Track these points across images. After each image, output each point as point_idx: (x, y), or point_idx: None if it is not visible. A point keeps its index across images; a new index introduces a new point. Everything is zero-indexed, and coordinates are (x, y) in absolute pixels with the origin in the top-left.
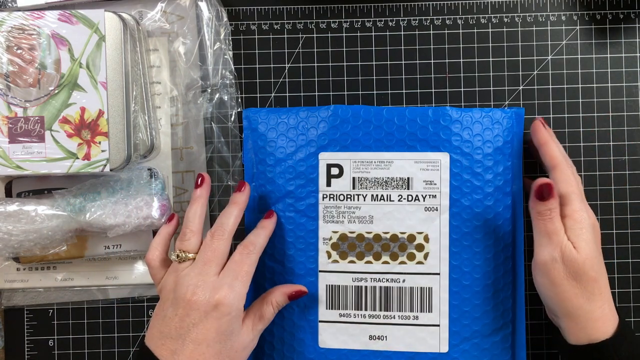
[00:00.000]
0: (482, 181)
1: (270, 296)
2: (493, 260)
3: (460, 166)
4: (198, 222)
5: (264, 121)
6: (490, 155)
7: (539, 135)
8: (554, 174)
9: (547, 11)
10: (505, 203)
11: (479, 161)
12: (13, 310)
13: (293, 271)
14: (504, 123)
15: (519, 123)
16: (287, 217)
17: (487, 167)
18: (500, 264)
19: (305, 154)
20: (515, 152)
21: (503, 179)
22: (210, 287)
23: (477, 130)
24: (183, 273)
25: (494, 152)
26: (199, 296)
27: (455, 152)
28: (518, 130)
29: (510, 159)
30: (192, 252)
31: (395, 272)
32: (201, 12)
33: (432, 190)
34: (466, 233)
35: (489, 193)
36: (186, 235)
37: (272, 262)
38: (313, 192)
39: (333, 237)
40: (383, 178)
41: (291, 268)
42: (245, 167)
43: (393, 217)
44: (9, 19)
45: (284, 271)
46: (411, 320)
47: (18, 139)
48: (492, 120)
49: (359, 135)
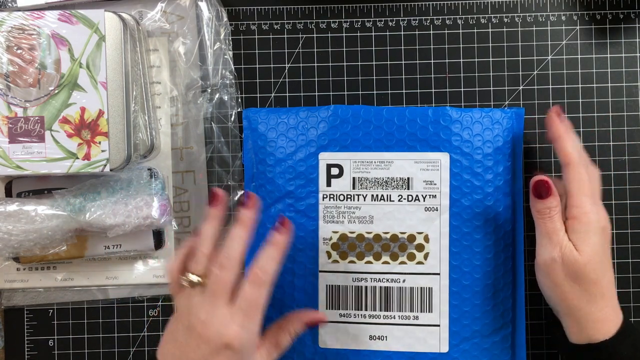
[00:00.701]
0: (482, 181)
1: (288, 324)
2: (493, 261)
3: (460, 166)
4: (210, 244)
5: (264, 121)
6: (490, 155)
7: (553, 129)
8: (565, 172)
9: (547, 11)
10: (505, 203)
11: (479, 161)
12: (13, 310)
13: (293, 271)
14: (504, 123)
15: (519, 123)
16: (287, 217)
17: (487, 167)
18: (500, 264)
19: (305, 154)
20: (516, 152)
21: (503, 179)
22: (220, 323)
23: (477, 130)
24: (195, 300)
25: (494, 152)
26: (210, 332)
27: (455, 152)
28: (518, 130)
29: (510, 159)
30: (203, 276)
31: (396, 272)
32: (201, 12)
33: (432, 190)
34: (466, 233)
35: (489, 193)
36: (198, 259)
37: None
38: (313, 192)
39: (333, 237)
40: (383, 178)
41: (291, 268)
42: (245, 167)
43: (393, 217)
44: (9, 19)
45: (284, 271)
46: (411, 320)
47: (18, 139)
48: (492, 120)
49: (359, 135)
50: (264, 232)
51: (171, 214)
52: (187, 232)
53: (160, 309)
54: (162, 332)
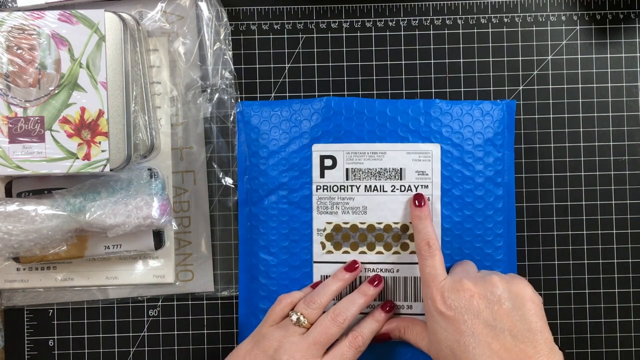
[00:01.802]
0: (473, 172)
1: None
2: (483, 250)
3: (451, 157)
4: (329, 299)
5: (256, 114)
6: (480, 146)
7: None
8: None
9: (547, 11)
10: (496, 193)
11: (469, 152)
12: (13, 310)
13: (288, 263)
14: (495, 115)
15: (511, 115)
16: (280, 209)
17: (478, 158)
18: (490, 253)
19: (299, 146)
20: (507, 143)
21: (494, 169)
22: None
23: (467, 121)
24: (292, 339)
25: (484, 143)
26: None
27: (446, 143)
28: (509, 122)
29: (501, 150)
30: (310, 321)
31: (389, 262)
32: (201, 12)
33: (424, 180)
34: (457, 222)
35: (479, 183)
36: (314, 304)
37: (266, 255)
38: (307, 184)
39: (327, 228)
40: (376, 169)
41: (286, 260)
42: (239, 160)
43: (386, 207)
44: (9, 19)
45: (278, 263)
46: (405, 309)
47: (18, 139)
48: (482, 112)
49: (351, 126)
50: (256, 224)
51: (171, 214)
52: (187, 232)
53: (160, 309)
54: (162, 332)
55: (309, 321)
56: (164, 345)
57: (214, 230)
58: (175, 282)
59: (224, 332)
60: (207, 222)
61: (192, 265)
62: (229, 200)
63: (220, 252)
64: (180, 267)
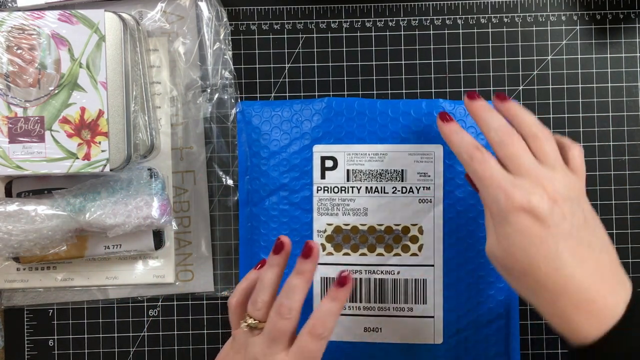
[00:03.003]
0: None
1: None
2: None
3: (454, 158)
4: (271, 293)
5: (257, 114)
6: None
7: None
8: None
9: (547, 11)
10: None
11: None
12: (13, 310)
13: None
14: None
15: None
16: (281, 210)
17: None
18: None
19: (300, 147)
20: None
21: None
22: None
23: (470, 122)
24: (254, 340)
25: (487, 144)
26: None
27: None
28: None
29: None
30: (262, 320)
31: (390, 264)
32: (201, 12)
33: (426, 182)
34: (460, 225)
35: None
36: (257, 304)
37: (266, 255)
38: (307, 185)
39: (327, 230)
40: (377, 170)
41: None
42: (240, 160)
43: (387, 209)
44: (9, 19)
45: None
46: (406, 312)
47: (18, 139)
48: None
49: (353, 127)
50: (257, 225)
51: (171, 214)
52: (187, 232)
53: (160, 309)
54: (162, 332)
55: (262, 320)
56: (164, 345)
57: (214, 230)
58: (175, 282)
59: (224, 332)
60: (207, 222)
61: (192, 265)
62: (229, 200)
63: (220, 252)
64: (180, 267)
